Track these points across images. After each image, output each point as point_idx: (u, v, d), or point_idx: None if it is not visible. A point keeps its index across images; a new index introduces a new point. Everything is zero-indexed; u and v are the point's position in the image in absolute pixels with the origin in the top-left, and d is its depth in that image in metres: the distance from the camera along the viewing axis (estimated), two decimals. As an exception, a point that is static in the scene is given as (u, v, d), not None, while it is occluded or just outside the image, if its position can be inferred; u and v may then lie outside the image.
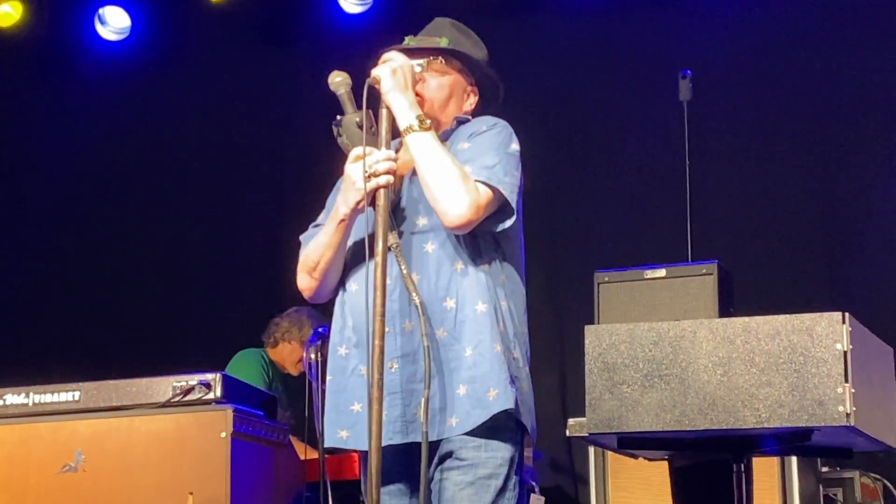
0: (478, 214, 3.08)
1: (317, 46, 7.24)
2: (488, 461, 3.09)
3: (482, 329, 3.11)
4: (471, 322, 3.12)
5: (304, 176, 4.03)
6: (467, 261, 3.15)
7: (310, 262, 3.26)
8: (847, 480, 5.29)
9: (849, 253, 6.39)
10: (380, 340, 2.96)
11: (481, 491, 3.08)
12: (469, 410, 3.07)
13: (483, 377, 3.08)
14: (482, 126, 3.25)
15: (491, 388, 3.07)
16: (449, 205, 3.06)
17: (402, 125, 3.15)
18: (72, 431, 4.52)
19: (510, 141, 3.23)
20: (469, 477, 3.08)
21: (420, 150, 3.11)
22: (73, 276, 7.71)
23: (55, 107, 7.85)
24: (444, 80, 3.34)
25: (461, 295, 3.13)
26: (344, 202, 3.17)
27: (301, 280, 3.30)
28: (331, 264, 3.23)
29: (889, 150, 6.43)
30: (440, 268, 3.14)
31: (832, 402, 2.93)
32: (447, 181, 3.06)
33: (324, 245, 3.22)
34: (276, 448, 4.69)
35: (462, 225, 3.08)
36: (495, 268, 3.19)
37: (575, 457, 6.41)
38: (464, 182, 3.07)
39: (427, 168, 3.10)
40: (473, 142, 3.20)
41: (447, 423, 3.08)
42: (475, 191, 3.07)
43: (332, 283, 3.28)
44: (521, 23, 7.15)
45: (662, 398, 3.06)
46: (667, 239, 6.10)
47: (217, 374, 4.53)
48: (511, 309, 3.21)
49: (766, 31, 6.75)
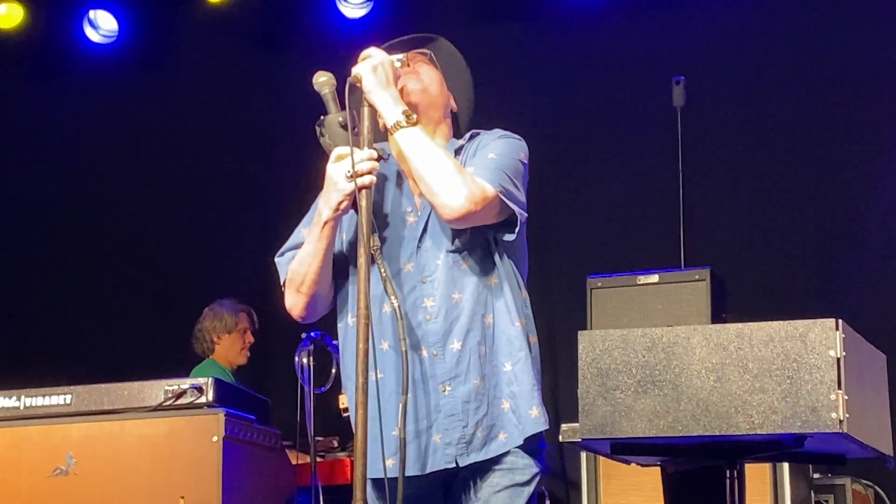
0: (476, 206, 3.02)
1: (315, 50, 7.23)
2: (525, 469, 3.12)
3: (521, 346, 3.13)
4: (508, 338, 3.13)
5: (299, 179, 4.01)
6: (500, 276, 3.16)
7: (297, 278, 3.17)
8: (838, 487, 5.30)
9: (842, 259, 6.40)
10: (364, 344, 2.93)
11: (515, 496, 3.09)
12: (516, 424, 3.10)
13: (524, 394, 3.11)
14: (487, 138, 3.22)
15: (534, 408, 3.11)
16: (447, 196, 3.01)
17: (388, 122, 3.08)
18: (63, 435, 4.51)
19: (518, 151, 3.20)
20: (507, 481, 3.09)
21: (410, 146, 3.06)
22: (65, 279, 7.70)
23: (50, 108, 7.85)
24: (435, 74, 3.30)
25: (497, 311, 3.14)
26: (326, 204, 3.09)
27: (289, 299, 3.21)
28: (319, 275, 3.15)
29: (882, 156, 6.44)
30: (479, 284, 3.13)
31: (825, 409, 2.93)
32: (442, 173, 3.01)
33: (309, 255, 3.14)
34: (268, 452, 4.68)
35: (461, 217, 3.03)
36: (519, 281, 3.22)
37: (567, 462, 6.41)
38: (459, 174, 3.02)
39: (420, 163, 3.04)
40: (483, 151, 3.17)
41: (498, 439, 3.10)
42: (472, 182, 3.02)
43: (322, 298, 3.20)
44: (515, 28, 7.16)
45: (656, 404, 3.06)
46: (659, 244, 6.12)
47: (209, 378, 4.53)
48: (531, 322, 3.24)
49: (759, 37, 6.76)
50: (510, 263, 3.20)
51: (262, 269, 4.09)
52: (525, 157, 3.23)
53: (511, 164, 3.16)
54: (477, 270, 3.14)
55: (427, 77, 3.25)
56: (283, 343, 5.63)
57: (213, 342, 6.46)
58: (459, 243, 3.14)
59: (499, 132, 3.25)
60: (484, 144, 3.20)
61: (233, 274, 7.28)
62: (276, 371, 6.56)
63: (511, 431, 3.10)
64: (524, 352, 3.13)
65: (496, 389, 3.11)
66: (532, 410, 3.10)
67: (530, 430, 3.10)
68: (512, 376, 3.11)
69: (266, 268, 3.64)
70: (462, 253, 3.14)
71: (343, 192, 3.05)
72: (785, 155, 6.63)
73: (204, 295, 7.19)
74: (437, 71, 3.29)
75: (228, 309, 6.48)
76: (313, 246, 3.13)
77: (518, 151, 3.20)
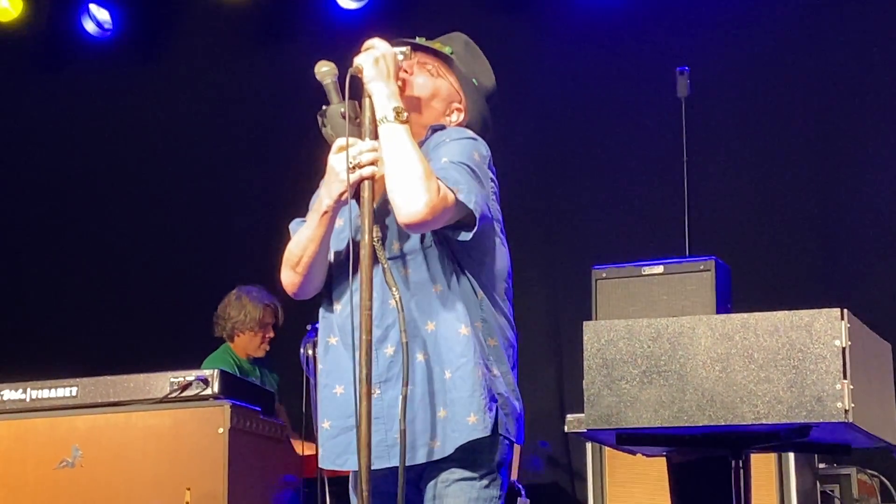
0: (433, 215, 2.97)
1: (312, 42, 7.23)
2: (474, 464, 3.07)
3: (464, 352, 3.05)
4: (451, 345, 3.07)
5: (298, 171, 4.00)
6: (445, 282, 3.09)
7: (293, 258, 3.19)
8: (844, 477, 5.30)
9: (847, 249, 6.40)
10: (368, 335, 2.93)
11: (467, 488, 3.06)
12: (449, 434, 3.04)
13: (462, 402, 3.04)
14: (445, 137, 3.18)
15: (472, 414, 3.03)
16: (405, 200, 2.97)
17: (377, 115, 3.06)
18: (69, 427, 4.52)
19: (473, 150, 3.13)
20: (455, 476, 3.06)
21: (389, 143, 3.03)
22: (70, 272, 7.71)
23: (50, 100, 7.85)
24: (430, 81, 3.27)
25: (441, 318, 3.08)
26: (328, 194, 3.09)
27: (284, 276, 3.23)
28: (314, 259, 3.16)
29: (888, 145, 6.43)
30: (420, 291, 3.09)
31: (830, 399, 2.93)
32: (409, 177, 2.98)
33: (307, 239, 3.15)
34: (273, 443, 4.69)
35: (416, 223, 2.98)
36: (474, 283, 3.13)
37: (572, 452, 6.42)
38: (426, 180, 2.97)
39: (393, 161, 3.02)
40: (435, 152, 3.13)
41: (430, 446, 3.06)
42: (435, 192, 2.97)
43: (315, 279, 3.21)
44: (520, 19, 7.15)
45: (661, 394, 3.06)
46: (664, 235, 6.11)
47: (214, 370, 4.53)
48: (492, 324, 3.14)
49: (763, 27, 6.75)
50: (469, 264, 3.12)
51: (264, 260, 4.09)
52: (481, 155, 3.15)
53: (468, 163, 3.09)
54: (420, 278, 3.09)
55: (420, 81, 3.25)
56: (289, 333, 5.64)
57: (233, 333, 6.45)
58: (402, 249, 3.11)
59: (454, 132, 3.20)
60: (436, 145, 3.16)
61: (236, 266, 7.28)
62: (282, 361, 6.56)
63: (444, 440, 3.04)
64: (466, 358, 3.04)
65: (433, 397, 3.06)
66: (469, 417, 3.02)
67: (465, 438, 3.02)
68: (451, 384, 3.04)
69: (269, 259, 3.64)
70: (404, 258, 3.10)
71: (344, 182, 3.05)
72: (790, 145, 6.62)
73: (207, 286, 7.19)
74: (441, 79, 3.29)
75: (255, 302, 6.42)
76: (312, 231, 3.15)
77: (472, 151, 3.13)
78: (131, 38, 7.72)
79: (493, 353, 3.11)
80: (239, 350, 6.45)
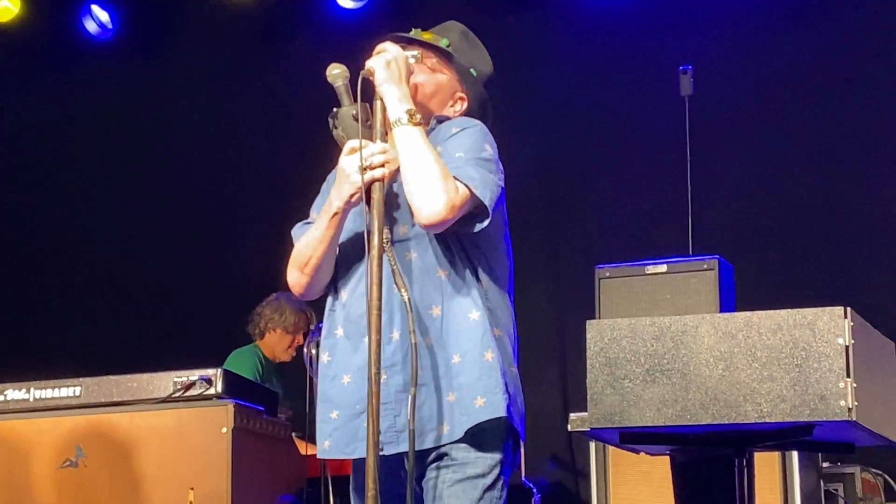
0: (453, 214, 3.02)
1: (312, 41, 7.24)
2: (478, 461, 3.07)
3: (472, 337, 3.08)
4: (458, 329, 3.09)
5: (302, 170, 4.01)
6: (452, 267, 3.12)
7: (301, 258, 3.21)
8: (848, 475, 5.29)
9: (850, 247, 6.40)
10: (377, 335, 2.94)
11: (469, 488, 3.06)
12: (458, 417, 3.06)
13: (470, 385, 3.06)
14: (453, 128, 3.21)
15: (479, 397, 3.05)
16: (424, 202, 3.01)
17: (391, 118, 3.10)
18: (73, 427, 4.53)
19: (483, 142, 3.17)
20: (458, 475, 3.07)
21: (405, 145, 3.07)
22: (73, 272, 7.71)
23: (51, 100, 7.85)
24: (431, 77, 3.30)
25: (447, 303, 3.11)
26: (338, 195, 3.12)
27: (291, 276, 3.25)
28: (322, 260, 3.19)
29: (892, 143, 6.42)
30: (424, 276, 3.11)
31: (834, 397, 2.93)
32: (427, 178, 3.02)
33: (316, 240, 3.17)
34: (277, 443, 4.69)
35: (436, 223, 3.03)
36: (480, 272, 3.15)
37: (576, 451, 6.42)
38: (443, 180, 3.01)
39: (409, 163, 3.05)
40: (445, 145, 3.16)
41: (438, 431, 3.07)
42: (454, 191, 3.02)
43: (323, 279, 3.23)
44: (523, 18, 7.15)
45: (664, 393, 3.06)
46: (668, 234, 6.11)
47: (218, 370, 4.54)
48: (497, 314, 3.16)
49: (766, 25, 6.75)
50: (476, 255, 3.16)
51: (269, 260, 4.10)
52: (490, 143, 3.18)
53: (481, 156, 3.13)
54: (425, 262, 3.12)
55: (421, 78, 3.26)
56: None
57: (265, 330, 6.46)
58: (408, 234, 3.13)
59: (459, 123, 3.23)
60: (445, 137, 3.18)
61: (240, 265, 7.29)
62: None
63: (453, 424, 3.06)
64: (475, 342, 3.08)
65: (442, 381, 3.08)
66: (477, 400, 3.05)
67: (473, 421, 3.04)
68: (459, 368, 3.07)
69: (274, 258, 3.65)
70: (409, 242, 3.13)
71: (355, 184, 3.06)
72: (793, 143, 6.61)
73: (210, 286, 7.21)
74: (441, 73, 3.30)
75: (293, 306, 6.43)
76: (321, 232, 3.16)
77: (484, 143, 3.16)
78: (132, 39, 7.73)
79: (499, 344, 3.13)
80: (267, 350, 6.47)
